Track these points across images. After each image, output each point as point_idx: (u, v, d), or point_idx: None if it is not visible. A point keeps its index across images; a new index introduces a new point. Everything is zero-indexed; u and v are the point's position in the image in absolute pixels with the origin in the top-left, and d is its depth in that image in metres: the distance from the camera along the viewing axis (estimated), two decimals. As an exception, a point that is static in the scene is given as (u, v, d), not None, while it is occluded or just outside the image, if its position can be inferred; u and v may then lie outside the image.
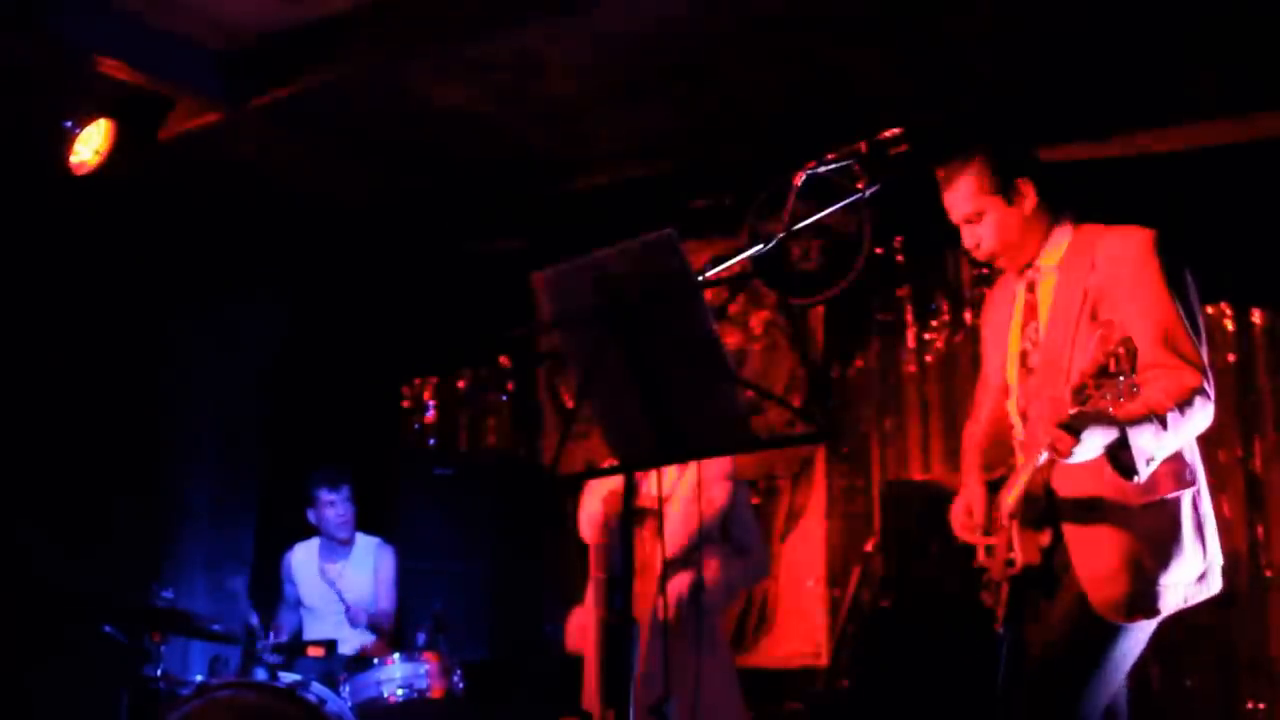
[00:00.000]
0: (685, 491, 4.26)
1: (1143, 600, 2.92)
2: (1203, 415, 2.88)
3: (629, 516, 2.71)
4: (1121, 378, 2.58)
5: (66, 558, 6.07)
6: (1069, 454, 2.72)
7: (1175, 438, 2.82)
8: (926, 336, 5.75)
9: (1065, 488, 2.99)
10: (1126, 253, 3.00)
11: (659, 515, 4.09)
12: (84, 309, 6.41)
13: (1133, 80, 4.79)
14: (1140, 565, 2.91)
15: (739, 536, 4.42)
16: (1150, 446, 2.77)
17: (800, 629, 5.75)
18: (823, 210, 2.90)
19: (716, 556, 4.32)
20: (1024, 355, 3.18)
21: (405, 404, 7.28)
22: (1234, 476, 4.93)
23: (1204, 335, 2.97)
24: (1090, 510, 2.95)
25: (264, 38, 5.22)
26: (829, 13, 4.67)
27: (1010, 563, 3.02)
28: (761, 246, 2.74)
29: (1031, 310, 3.16)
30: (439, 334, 7.02)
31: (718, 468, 4.33)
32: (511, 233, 6.61)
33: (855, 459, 5.82)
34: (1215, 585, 3.03)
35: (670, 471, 4.30)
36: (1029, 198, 3.12)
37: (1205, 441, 4.91)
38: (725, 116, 5.52)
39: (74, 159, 5.48)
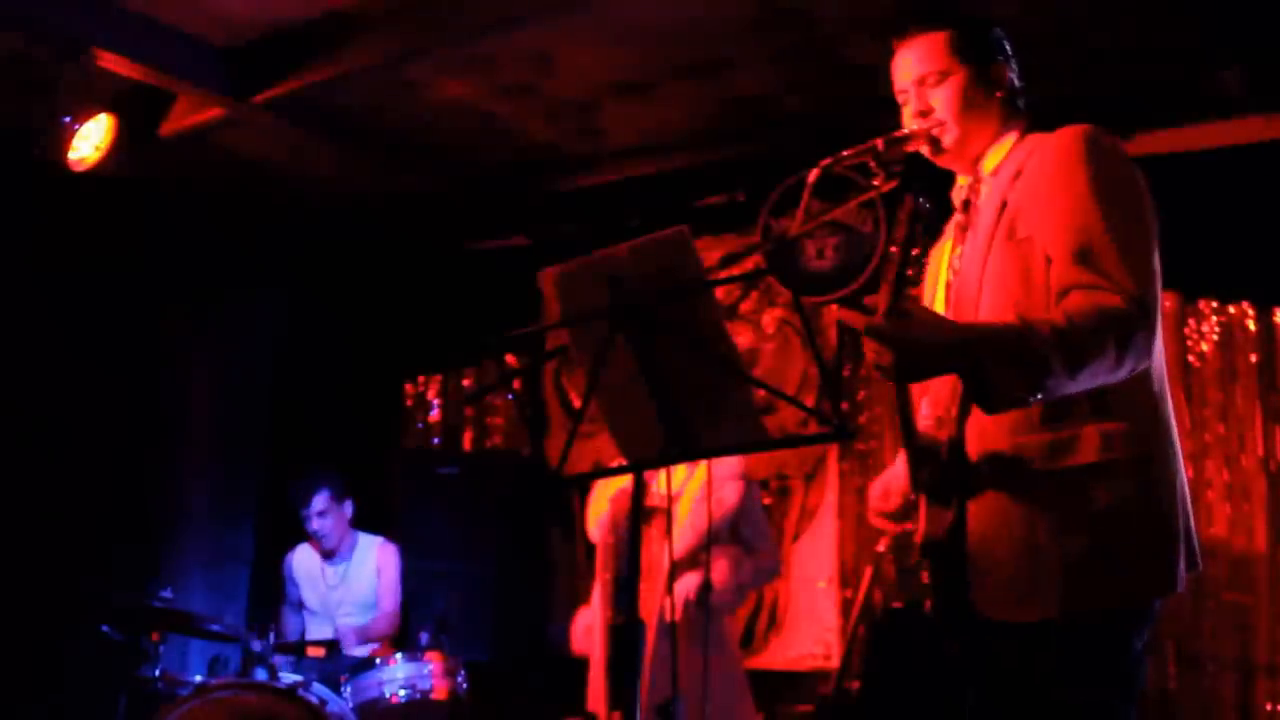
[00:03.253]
0: (695, 491, 4.22)
1: (1035, 593, 2.25)
2: (1119, 348, 2.16)
3: (637, 516, 2.67)
4: None
5: (65, 556, 6.03)
6: (887, 367, 2.17)
7: (1068, 365, 2.13)
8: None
9: (974, 450, 2.37)
10: (1050, 153, 2.38)
11: (668, 515, 4.03)
12: (84, 306, 6.38)
13: (1153, 77, 4.74)
14: (1035, 547, 2.26)
15: (749, 537, 4.37)
16: (1020, 369, 2.12)
17: (811, 630, 5.71)
18: (838, 208, 2.84)
19: (726, 557, 4.27)
20: (948, 287, 2.55)
21: (409, 402, 7.24)
22: (1257, 479, 4.86)
23: (1153, 256, 2.28)
24: (993, 477, 2.32)
25: (267, 32, 5.19)
26: (845, 8, 4.62)
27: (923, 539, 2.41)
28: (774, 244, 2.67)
29: (962, 231, 2.57)
30: (443, 332, 6.98)
31: (728, 467, 4.29)
32: (518, 230, 6.57)
33: (868, 459, 5.78)
34: (1170, 584, 2.26)
35: (679, 471, 4.26)
36: (1000, 84, 2.54)
37: (1226, 444, 4.86)
38: (738, 112, 5.48)
39: (74, 155, 5.43)
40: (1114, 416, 2.27)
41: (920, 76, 2.56)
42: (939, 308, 2.56)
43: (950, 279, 2.55)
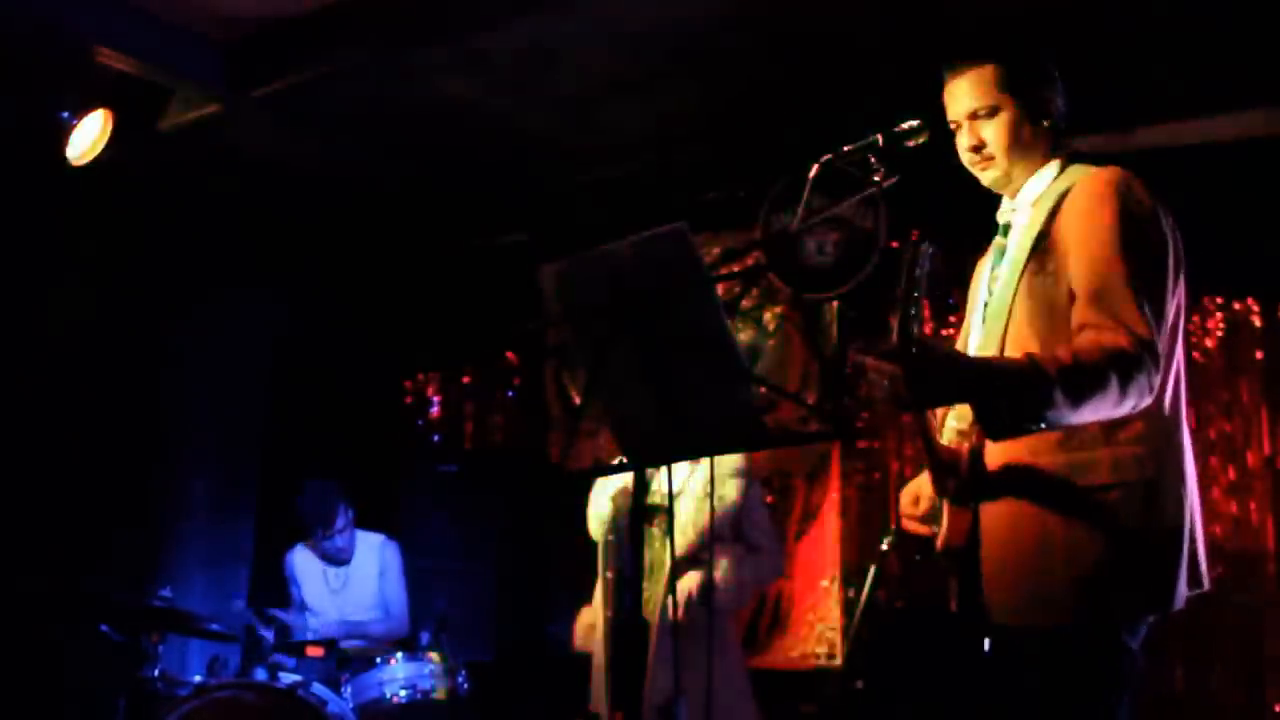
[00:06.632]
0: (697, 489, 4.18)
1: (1045, 601, 2.43)
2: (1121, 387, 2.31)
3: (639, 514, 2.64)
4: None
5: (64, 556, 6.01)
6: (900, 398, 2.30)
7: (1070, 400, 2.28)
8: (943, 332, 5.67)
9: (994, 464, 2.55)
10: (1084, 198, 2.53)
11: (669, 513, 4.00)
12: (81, 304, 6.35)
13: (1151, 70, 4.71)
14: (1047, 563, 2.43)
15: (752, 535, 4.34)
16: (1023, 402, 2.29)
17: (814, 629, 5.69)
18: (838, 203, 2.83)
19: (728, 555, 4.24)
20: (985, 307, 2.71)
21: (408, 400, 7.22)
22: (1261, 477, 4.84)
23: (1165, 304, 2.46)
24: (1011, 488, 2.50)
25: (264, 27, 5.17)
26: (845, 4, 4.59)
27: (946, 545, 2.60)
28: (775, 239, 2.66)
29: (1000, 253, 2.72)
30: (443, 329, 6.96)
31: (730, 465, 4.25)
32: (518, 226, 6.55)
33: (870, 457, 5.75)
34: (1169, 601, 2.43)
35: (681, 468, 4.22)
36: (1048, 114, 2.69)
37: (1231, 441, 4.83)
38: (739, 108, 5.45)
39: (72, 150, 5.41)
40: (1127, 443, 2.44)
41: (971, 110, 2.69)
42: (977, 322, 2.74)
43: (987, 298, 2.70)
